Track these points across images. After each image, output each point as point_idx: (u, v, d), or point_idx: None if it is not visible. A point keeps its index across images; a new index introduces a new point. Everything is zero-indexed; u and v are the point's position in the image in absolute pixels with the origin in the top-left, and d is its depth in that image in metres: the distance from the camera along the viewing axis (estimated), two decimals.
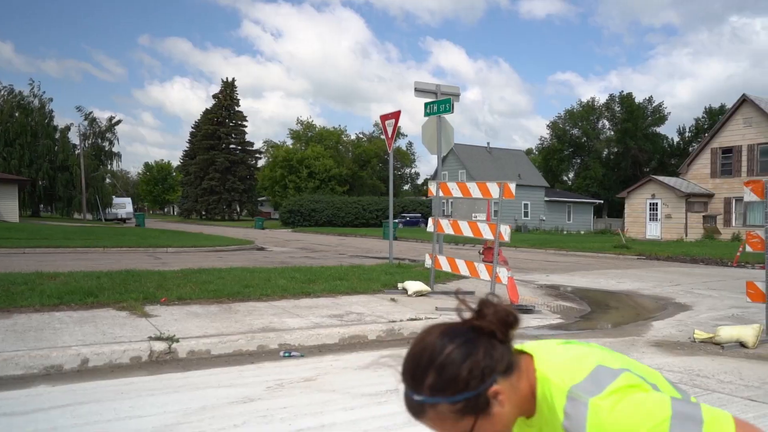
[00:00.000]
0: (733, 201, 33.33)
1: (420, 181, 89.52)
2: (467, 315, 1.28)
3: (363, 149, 70.52)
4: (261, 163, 76.40)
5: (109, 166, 61.05)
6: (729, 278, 12.55)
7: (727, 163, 33.97)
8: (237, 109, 74.91)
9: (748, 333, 5.75)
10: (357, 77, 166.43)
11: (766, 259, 6.09)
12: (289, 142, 71.95)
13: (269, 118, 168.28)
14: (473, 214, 42.70)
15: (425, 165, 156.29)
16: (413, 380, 1.21)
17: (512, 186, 7.32)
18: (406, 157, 76.64)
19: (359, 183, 68.19)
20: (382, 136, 73.43)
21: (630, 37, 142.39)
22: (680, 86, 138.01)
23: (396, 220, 39.84)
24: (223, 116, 73.49)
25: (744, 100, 33.18)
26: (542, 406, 1.26)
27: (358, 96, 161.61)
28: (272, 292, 7.65)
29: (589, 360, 1.28)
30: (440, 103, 10.49)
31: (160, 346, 5.01)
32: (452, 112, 10.36)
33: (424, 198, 60.08)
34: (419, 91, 10.88)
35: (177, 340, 5.11)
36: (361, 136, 76.00)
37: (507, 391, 1.23)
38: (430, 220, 8.79)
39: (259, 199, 78.86)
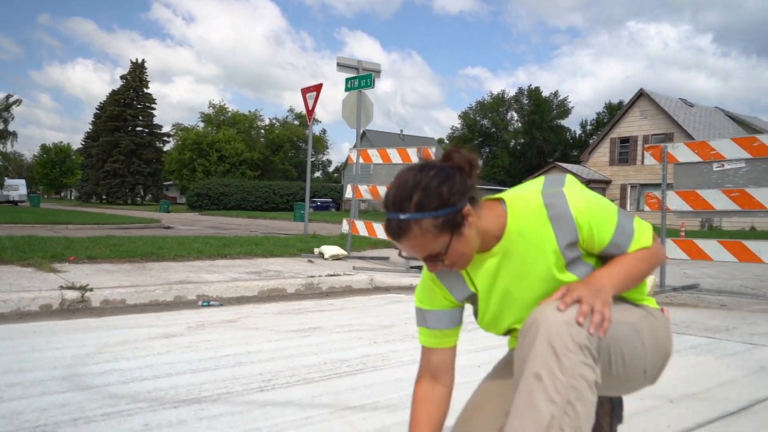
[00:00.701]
0: (629, 187, 35.40)
1: (332, 169, 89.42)
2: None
3: (276, 134, 69.47)
4: (169, 147, 73.82)
5: (2, 147, 57.33)
6: None
7: (624, 152, 36.04)
8: (146, 91, 71.82)
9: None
10: (270, 65, 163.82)
11: (662, 217, 6.58)
12: (201, 125, 69.78)
13: (177, 103, 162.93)
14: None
15: (337, 153, 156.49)
16: (400, 203, 1.36)
17: (432, 150, 7.52)
18: (320, 143, 76.13)
19: (271, 168, 67.19)
20: (296, 122, 72.90)
21: (537, 36, 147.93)
22: (582, 84, 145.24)
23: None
24: (131, 98, 70.24)
25: (641, 94, 35.34)
26: (516, 220, 1.47)
27: (270, 83, 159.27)
28: (187, 254, 7.52)
29: (536, 179, 1.53)
30: (361, 78, 10.59)
31: (72, 294, 4.84)
32: (373, 87, 10.49)
33: (335, 184, 60.09)
34: (341, 65, 10.96)
35: (90, 289, 4.96)
36: (274, 121, 74.86)
37: (474, 216, 1.40)
38: (348, 187, 8.88)
39: (165, 183, 76.19)
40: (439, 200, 1.34)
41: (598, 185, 36.22)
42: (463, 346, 1.75)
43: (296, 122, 72.52)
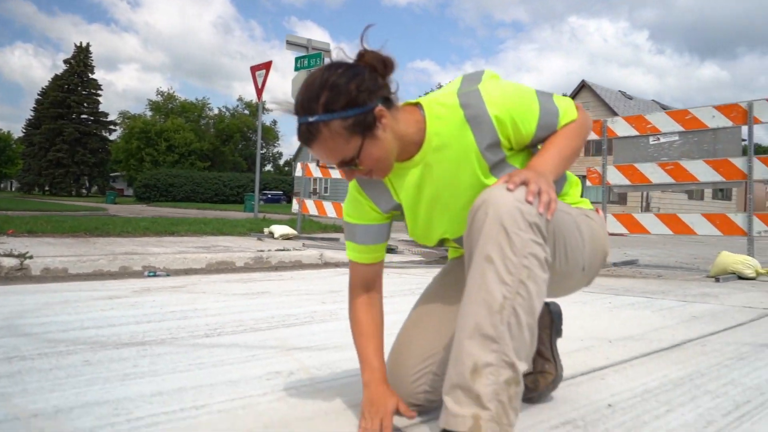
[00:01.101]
0: None
1: (282, 161, 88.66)
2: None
3: (226, 124, 68.44)
4: (115, 136, 71.89)
5: None
6: None
7: None
8: (91, 76, 69.71)
9: None
10: (219, 53, 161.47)
11: (603, 193, 6.78)
12: (148, 113, 68.11)
13: (123, 92, 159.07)
14: None
15: (287, 147, 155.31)
16: (308, 105, 1.31)
17: None
18: (270, 133, 75.29)
19: (221, 159, 66.24)
20: (246, 111, 71.91)
21: (483, 30, 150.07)
22: (527, 78, 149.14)
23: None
24: (75, 83, 68.03)
25: (583, 85, 36.43)
26: (434, 125, 1.43)
27: (219, 73, 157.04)
28: (134, 230, 7.37)
29: (454, 80, 1.50)
30: (311, 57, 10.52)
31: (10, 262, 4.70)
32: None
33: (286, 176, 59.68)
34: (291, 44, 10.86)
35: (30, 257, 4.82)
36: (224, 110, 73.67)
37: (389, 119, 1.35)
38: (298, 165, 8.84)
39: (112, 175, 74.26)
40: (348, 98, 1.29)
41: None
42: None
43: (246, 112, 71.53)
